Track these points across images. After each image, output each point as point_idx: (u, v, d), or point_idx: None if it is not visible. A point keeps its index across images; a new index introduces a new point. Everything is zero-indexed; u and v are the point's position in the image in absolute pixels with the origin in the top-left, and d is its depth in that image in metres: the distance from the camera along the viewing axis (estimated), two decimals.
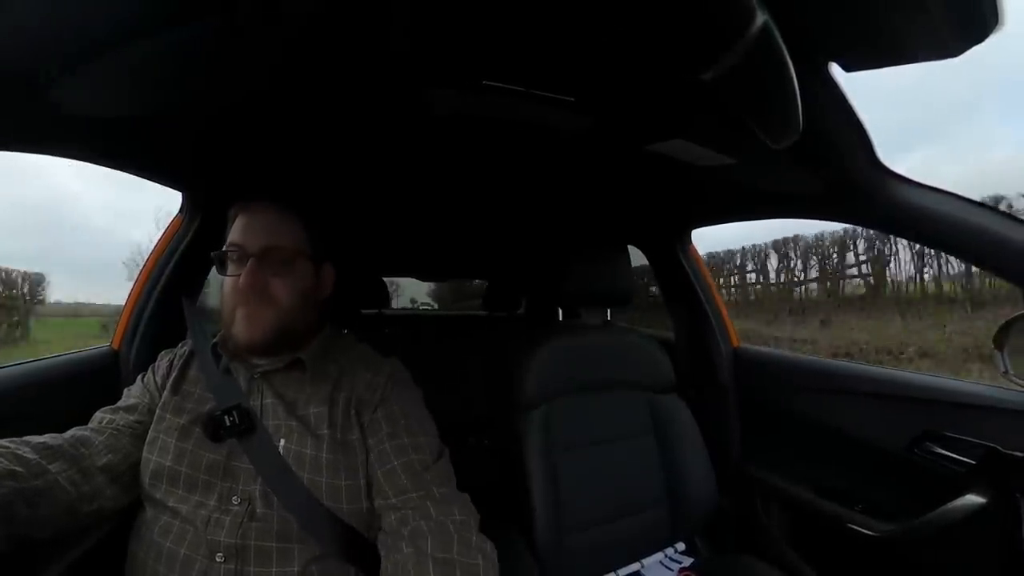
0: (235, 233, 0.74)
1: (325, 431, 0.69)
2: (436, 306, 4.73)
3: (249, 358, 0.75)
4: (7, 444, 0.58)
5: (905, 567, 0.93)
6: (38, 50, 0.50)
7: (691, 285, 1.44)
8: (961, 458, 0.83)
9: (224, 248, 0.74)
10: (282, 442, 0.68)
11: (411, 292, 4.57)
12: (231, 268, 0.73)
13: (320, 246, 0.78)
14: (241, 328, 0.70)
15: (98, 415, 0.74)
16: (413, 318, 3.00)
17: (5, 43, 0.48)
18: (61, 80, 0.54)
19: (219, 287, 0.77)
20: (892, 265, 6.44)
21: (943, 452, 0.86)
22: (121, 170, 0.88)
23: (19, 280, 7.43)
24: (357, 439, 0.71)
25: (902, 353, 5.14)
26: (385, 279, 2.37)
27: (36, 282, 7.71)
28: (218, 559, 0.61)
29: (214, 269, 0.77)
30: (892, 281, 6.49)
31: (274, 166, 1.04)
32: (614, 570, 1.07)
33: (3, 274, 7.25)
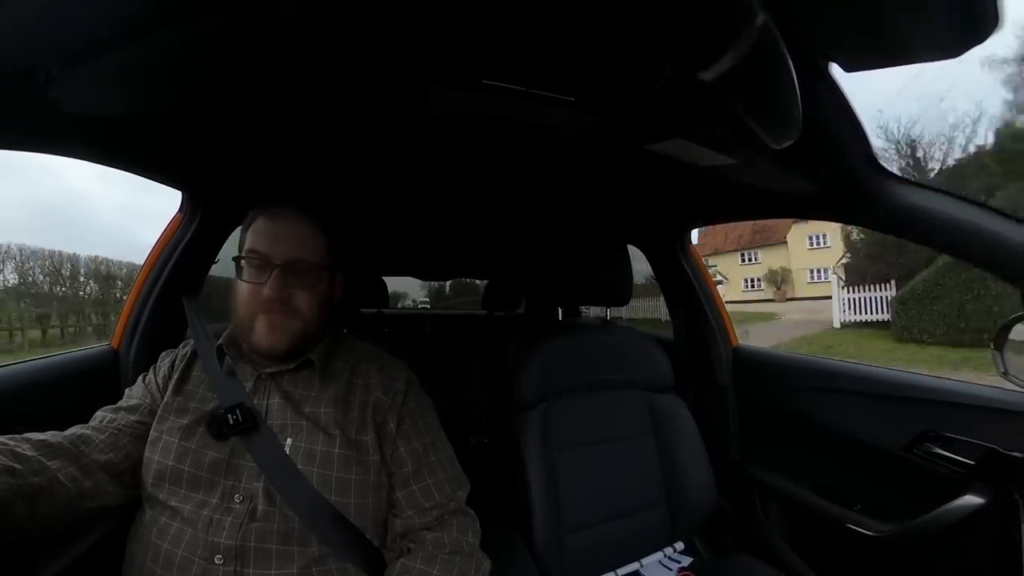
0: (256, 238, 0.73)
1: (336, 432, 0.70)
2: (428, 304, 5.24)
3: (261, 360, 0.75)
4: (6, 441, 0.58)
5: (904, 567, 0.93)
6: (37, 48, 0.50)
7: (691, 285, 1.44)
8: (960, 458, 0.83)
9: (245, 253, 0.73)
10: (289, 440, 0.69)
11: (412, 295, 5.10)
12: (250, 274, 0.72)
13: (336, 256, 0.79)
14: (263, 336, 0.70)
15: (99, 414, 0.74)
16: (413, 318, 3.00)
17: (4, 41, 0.48)
18: (60, 78, 0.54)
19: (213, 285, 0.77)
20: None
21: (942, 452, 0.86)
22: (121, 168, 0.88)
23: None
24: (372, 439, 0.72)
25: None
26: (390, 291, 2.38)
27: None
28: (217, 560, 0.61)
29: (213, 267, 0.77)
30: None
31: (274, 165, 1.04)
32: (613, 569, 1.07)
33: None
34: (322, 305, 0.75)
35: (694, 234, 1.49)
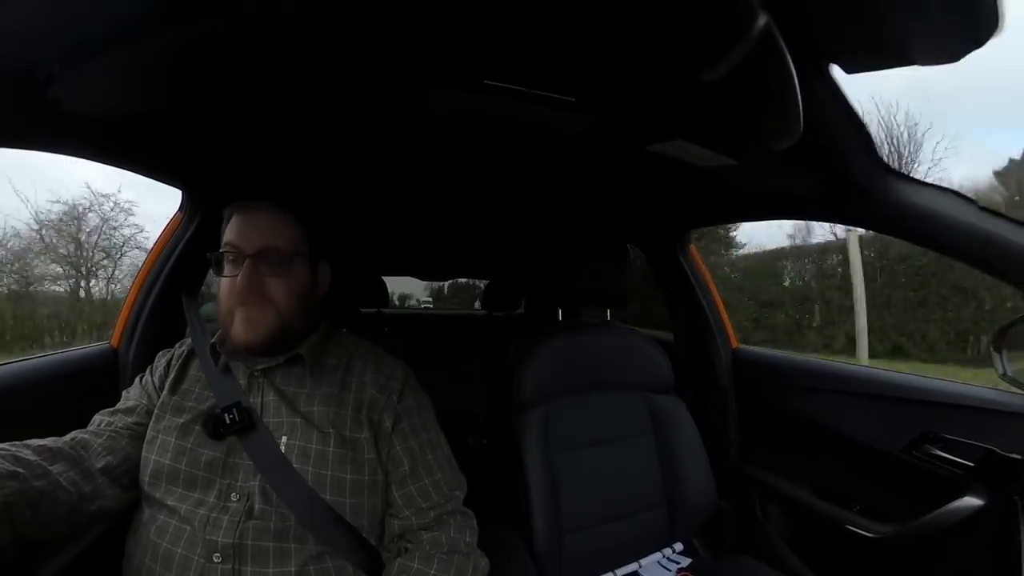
0: (231, 233, 0.74)
1: (330, 430, 0.70)
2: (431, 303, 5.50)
3: (248, 356, 0.75)
4: (7, 447, 0.58)
5: (903, 569, 0.93)
6: (38, 47, 0.50)
7: (690, 285, 1.44)
8: (959, 460, 0.83)
9: (220, 249, 0.74)
10: (284, 439, 0.69)
11: (416, 295, 5.32)
12: (228, 269, 0.73)
13: (316, 245, 0.78)
14: (240, 329, 0.70)
15: (97, 418, 0.74)
16: (412, 317, 2.99)
17: (5, 40, 0.48)
18: (60, 77, 0.54)
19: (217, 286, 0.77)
20: None
21: (941, 454, 0.86)
22: (121, 167, 0.88)
23: None
24: (367, 438, 0.71)
25: None
26: (394, 292, 2.37)
27: None
28: (215, 559, 0.61)
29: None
30: None
31: (274, 165, 1.04)
32: (612, 570, 1.07)
33: None
34: (301, 295, 0.74)
35: None
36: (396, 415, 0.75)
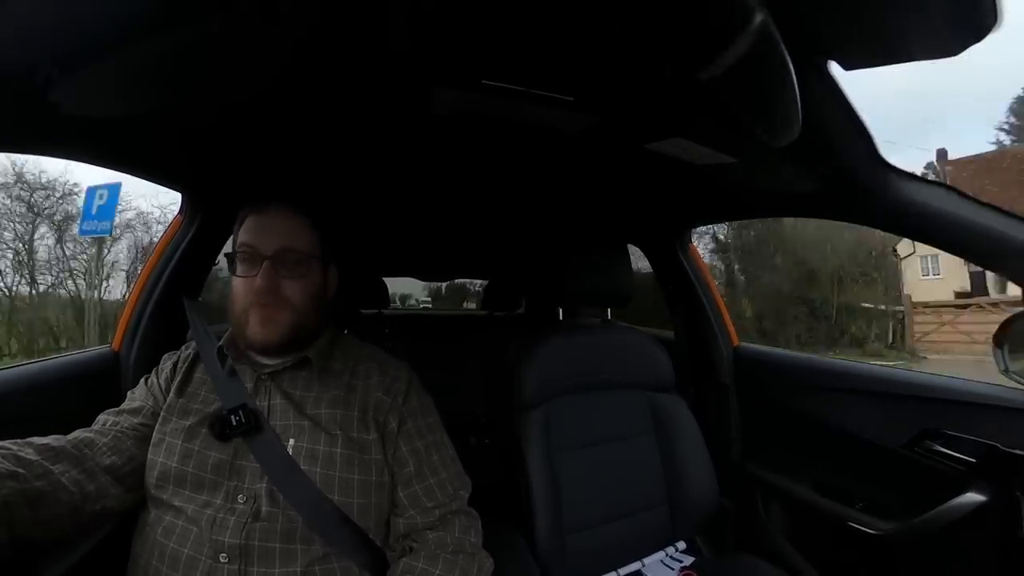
0: (247, 234, 0.74)
1: (338, 432, 0.70)
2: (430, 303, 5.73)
3: (257, 358, 0.75)
4: (9, 446, 0.58)
5: (906, 565, 0.93)
6: (37, 50, 0.50)
7: (691, 284, 1.44)
8: (961, 456, 0.83)
9: (236, 249, 0.74)
10: (291, 441, 0.69)
11: (415, 295, 5.53)
12: (242, 269, 0.73)
13: (328, 248, 0.79)
14: (256, 330, 0.70)
15: (101, 417, 0.74)
16: (413, 318, 3.00)
17: (4, 43, 0.48)
18: (60, 80, 0.54)
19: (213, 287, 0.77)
20: None
21: (943, 450, 0.86)
22: (120, 171, 0.88)
23: None
24: (374, 439, 0.72)
25: None
26: (394, 293, 2.37)
27: None
28: (222, 559, 0.61)
29: (214, 269, 0.77)
30: None
31: (274, 166, 1.05)
32: (615, 569, 1.07)
33: None
34: (315, 297, 0.75)
35: None
36: (401, 416, 0.75)
